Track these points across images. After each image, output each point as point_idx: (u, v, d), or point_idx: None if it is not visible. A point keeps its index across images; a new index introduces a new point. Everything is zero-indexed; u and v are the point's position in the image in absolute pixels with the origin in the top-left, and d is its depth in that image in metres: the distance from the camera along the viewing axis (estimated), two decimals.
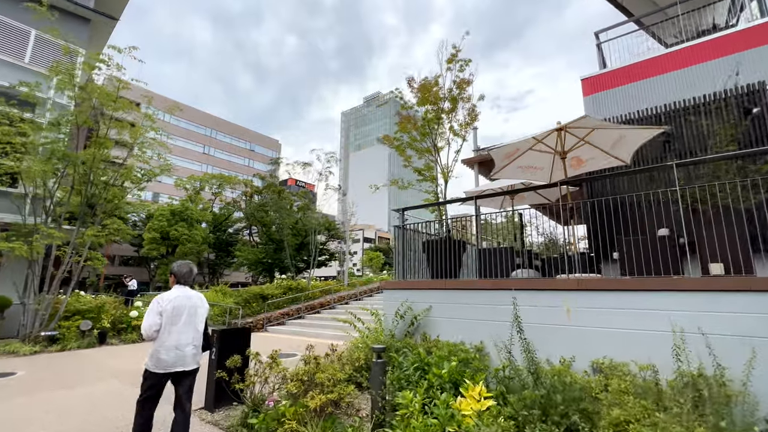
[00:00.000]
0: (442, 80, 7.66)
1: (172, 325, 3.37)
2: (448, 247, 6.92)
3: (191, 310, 3.52)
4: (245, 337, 5.06)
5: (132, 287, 16.88)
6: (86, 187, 10.53)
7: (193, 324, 3.50)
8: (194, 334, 3.50)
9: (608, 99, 8.21)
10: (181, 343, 3.39)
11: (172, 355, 3.34)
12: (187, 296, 3.54)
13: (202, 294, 3.83)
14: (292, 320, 14.75)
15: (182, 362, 3.39)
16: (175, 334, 3.37)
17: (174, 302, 3.43)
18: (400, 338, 6.44)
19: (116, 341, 10.61)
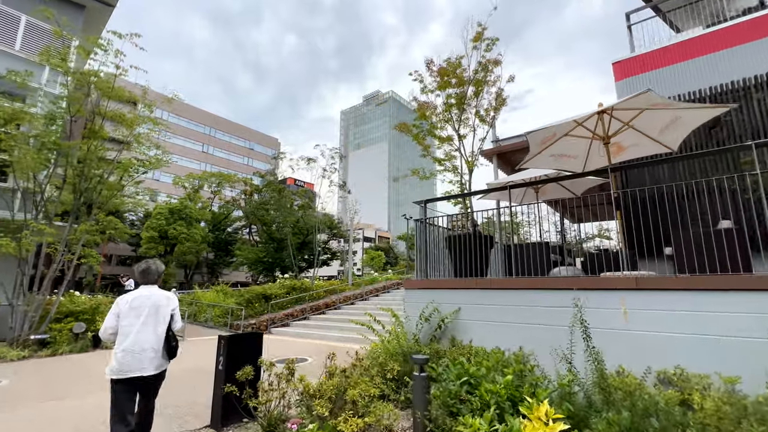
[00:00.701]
0: (467, 61, 7.08)
1: (129, 327, 3.17)
2: (475, 243, 6.31)
3: (151, 310, 3.27)
4: (256, 343, 4.44)
5: (129, 287, 16.18)
6: (80, 180, 9.87)
7: (152, 325, 3.24)
8: (153, 336, 3.22)
9: (644, 83, 7.60)
10: (136, 346, 3.14)
11: (129, 358, 3.11)
12: (147, 296, 3.32)
13: (172, 294, 3.55)
14: (297, 321, 14.13)
15: (139, 366, 3.11)
16: (132, 336, 3.15)
17: (132, 303, 3.24)
18: (425, 343, 5.83)
19: (112, 344, 9.94)
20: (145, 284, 3.44)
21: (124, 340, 3.15)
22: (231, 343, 4.16)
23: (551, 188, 8.96)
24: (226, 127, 73.29)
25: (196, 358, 8.52)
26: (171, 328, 3.40)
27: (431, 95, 7.27)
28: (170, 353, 3.39)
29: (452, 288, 5.94)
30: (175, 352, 3.42)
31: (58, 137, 9.05)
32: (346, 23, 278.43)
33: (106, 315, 3.19)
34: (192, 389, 6.15)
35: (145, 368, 3.14)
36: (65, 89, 9.39)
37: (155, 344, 3.23)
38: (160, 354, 3.28)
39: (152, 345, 3.21)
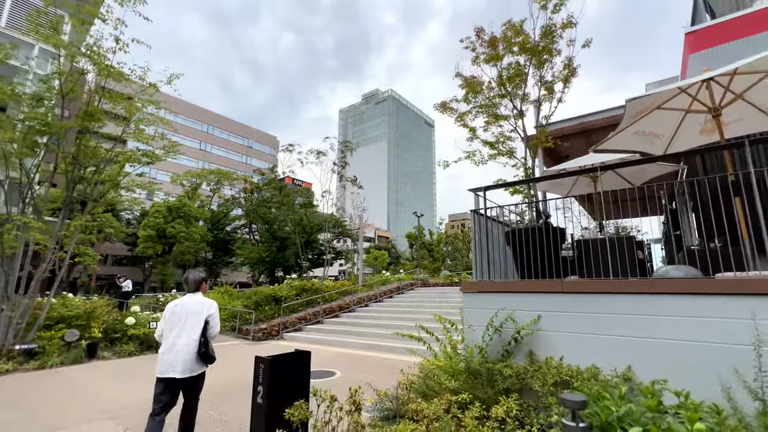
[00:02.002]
0: (532, 23, 6.07)
1: (170, 331, 3.45)
2: (546, 238, 5.28)
3: (188, 317, 3.46)
4: (304, 365, 3.38)
5: (126, 288, 15.09)
6: (73, 169, 8.76)
7: (188, 330, 3.43)
8: (188, 341, 3.40)
9: (727, 56, 6.60)
10: (173, 349, 3.39)
11: (166, 360, 3.40)
12: (186, 303, 3.55)
13: (211, 301, 3.67)
14: (310, 326, 13.06)
15: (174, 368, 3.36)
16: (170, 339, 3.42)
17: (174, 309, 3.53)
18: (495, 359, 4.80)
19: (109, 354, 8.84)
20: (188, 292, 3.67)
21: (165, 343, 3.45)
22: (275, 367, 3.09)
23: (605, 178, 7.96)
24: (225, 124, 72.08)
25: None
26: (206, 334, 3.51)
27: (485, 67, 6.25)
28: (204, 359, 3.49)
29: (527, 292, 4.90)
30: (209, 357, 3.49)
31: (47, 118, 7.93)
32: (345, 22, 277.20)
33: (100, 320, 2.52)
34: (209, 422, 5.08)
35: (179, 370, 3.35)
36: (56, 64, 8.26)
37: (190, 349, 3.39)
38: (195, 358, 3.41)
39: (187, 349, 3.38)
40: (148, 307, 17.20)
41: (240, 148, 73.90)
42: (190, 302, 3.55)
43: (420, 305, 14.46)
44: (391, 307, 14.90)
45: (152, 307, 16.54)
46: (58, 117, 8.47)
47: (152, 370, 7.98)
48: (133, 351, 9.06)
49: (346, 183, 19.95)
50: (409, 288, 18.84)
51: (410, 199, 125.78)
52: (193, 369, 3.43)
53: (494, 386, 4.27)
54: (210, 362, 3.53)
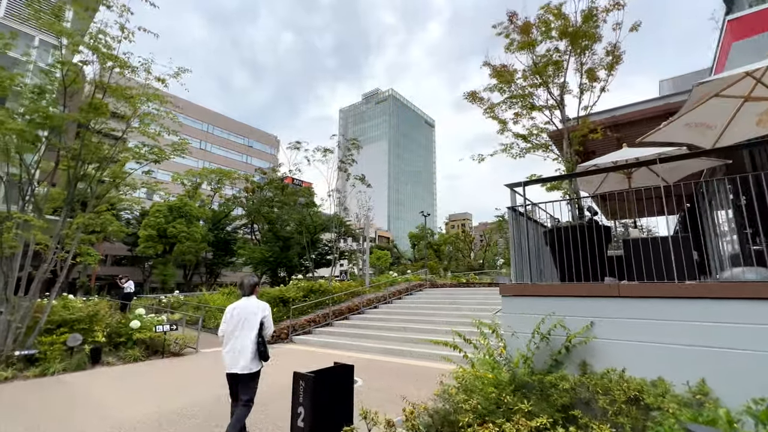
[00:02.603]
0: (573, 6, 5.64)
1: (231, 332, 3.83)
2: (591, 237, 4.87)
3: (245, 318, 3.81)
4: (348, 381, 2.95)
5: (129, 289, 14.59)
6: (75, 164, 8.32)
7: (245, 331, 3.77)
8: (246, 342, 3.74)
9: None
10: (234, 348, 3.78)
11: (227, 357, 3.81)
12: (243, 306, 3.91)
13: (264, 304, 4.00)
14: (320, 328, 12.63)
15: (234, 365, 3.75)
16: (231, 340, 3.81)
17: (233, 311, 3.94)
18: (541, 369, 4.38)
19: (113, 359, 8.40)
20: (244, 296, 4.01)
21: (226, 343, 3.80)
22: (318, 385, 2.66)
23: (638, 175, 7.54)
24: (225, 124, 71.63)
25: (211, 377, 6.99)
26: (261, 334, 3.86)
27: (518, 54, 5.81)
28: (261, 356, 3.85)
29: (578, 295, 4.48)
30: (265, 355, 3.85)
31: (48, 110, 7.48)
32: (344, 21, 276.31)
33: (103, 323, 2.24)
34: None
35: (238, 367, 3.70)
36: (57, 54, 7.80)
37: (247, 348, 3.73)
38: (251, 356, 3.74)
39: (244, 348, 3.72)
40: (151, 308, 16.74)
41: (240, 148, 73.49)
42: (247, 305, 3.92)
43: (432, 307, 14.04)
44: (402, 309, 14.48)
45: (155, 309, 16.08)
46: (59, 110, 8.01)
47: (160, 377, 7.50)
48: (139, 356, 8.62)
49: (355, 181, 19.47)
50: (417, 289, 18.43)
51: (410, 198, 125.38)
52: (251, 366, 3.75)
53: (548, 401, 3.86)
54: (265, 360, 3.90)
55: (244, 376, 3.72)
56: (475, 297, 15.30)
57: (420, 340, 10.18)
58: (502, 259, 50.58)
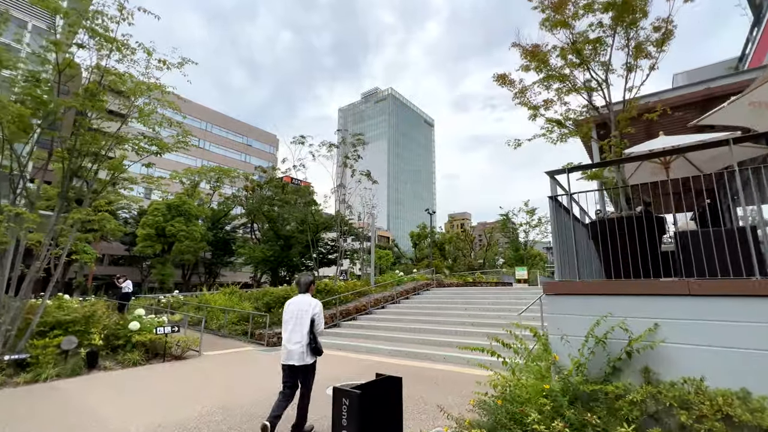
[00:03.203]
0: None
1: (285, 327, 4.16)
2: (644, 230, 4.37)
3: (299, 314, 4.13)
4: (396, 398, 2.43)
5: (127, 289, 14.01)
6: (70, 156, 7.77)
7: (299, 326, 4.07)
8: (299, 336, 4.05)
9: None
10: (290, 340, 4.08)
11: (284, 350, 4.10)
12: (298, 301, 4.24)
13: (316, 301, 4.27)
14: (327, 329, 12.09)
15: (290, 358, 4.04)
16: (287, 334, 4.12)
17: (289, 308, 4.26)
18: (597, 377, 3.88)
19: (111, 363, 7.86)
20: (300, 293, 4.33)
21: (284, 336, 4.15)
22: (364, 403, 2.14)
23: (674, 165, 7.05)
24: (223, 122, 70.96)
25: (216, 383, 6.46)
26: (313, 330, 4.09)
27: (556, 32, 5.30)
28: (314, 352, 4.11)
29: (639, 294, 3.98)
30: (317, 351, 4.12)
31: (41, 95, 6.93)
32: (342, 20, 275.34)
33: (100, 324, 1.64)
34: None
35: (293, 360, 4.02)
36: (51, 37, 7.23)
37: (300, 342, 4.03)
38: (305, 350, 4.02)
39: (298, 342, 4.03)
40: (150, 309, 16.18)
41: (239, 147, 72.87)
42: (301, 301, 4.22)
43: (443, 307, 13.54)
44: (412, 309, 13.97)
45: (154, 310, 15.51)
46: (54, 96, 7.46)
47: (162, 383, 6.84)
48: (138, 360, 8.08)
49: (361, 177, 18.91)
50: (424, 288, 17.93)
51: (410, 198, 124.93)
52: (305, 360, 4.02)
53: (616, 415, 3.36)
54: (318, 355, 4.16)
55: (300, 368, 4.02)
56: (486, 296, 14.81)
57: (435, 342, 9.69)
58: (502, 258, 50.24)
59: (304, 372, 4.06)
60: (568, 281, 4.47)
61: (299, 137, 17.10)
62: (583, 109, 5.70)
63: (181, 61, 9.21)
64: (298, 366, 4.00)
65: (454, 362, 8.09)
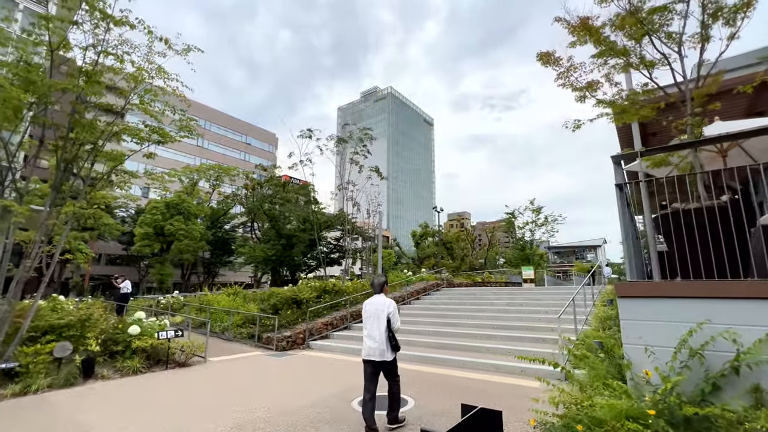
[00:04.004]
0: None
1: (365, 324, 4.47)
2: (734, 221, 3.74)
3: (376, 313, 4.38)
4: None
5: (125, 290, 13.31)
6: (64, 144, 7.09)
7: (376, 323, 4.32)
8: (378, 334, 4.27)
9: None
10: (369, 337, 4.33)
11: (365, 346, 4.36)
12: (374, 301, 4.50)
13: (390, 301, 4.48)
14: (338, 332, 11.45)
15: (371, 353, 4.28)
16: (366, 330, 4.41)
17: (366, 307, 4.54)
18: (693, 396, 3.25)
19: (109, 371, 7.18)
20: (375, 293, 4.61)
21: (364, 333, 4.44)
22: None
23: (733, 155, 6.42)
24: (222, 120, 70.19)
25: (227, 395, 5.79)
26: (390, 328, 4.33)
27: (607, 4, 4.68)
28: (393, 348, 4.33)
29: (744, 297, 3.34)
30: (396, 347, 4.35)
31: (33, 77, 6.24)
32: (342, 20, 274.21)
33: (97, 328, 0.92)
34: None
35: (374, 355, 4.25)
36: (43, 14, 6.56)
37: (379, 338, 4.26)
38: (385, 347, 4.24)
39: (377, 339, 4.26)
40: (149, 311, 15.47)
41: (238, 145, 72.16)
42: (377, 301, 4.45)
43: (458, 308, 12.92)
44: (424, 311, 13.34)
45: (154, 311, 14.81)
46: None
47: (166, 394, 6.07)
48: (139, 368, 7.40)
49: (370, 172, 18.26)
50: (434, 289, 17.30)
51: (410, 197, 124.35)
52: (386, 356, 4.22)
53: None
54: (397, 351, 4.35)
55: (381, 363, 4.25)
56: (500, 297, 14.19)
57: (455, 346, 9.05)
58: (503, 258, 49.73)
59: (387, 368, 4.30)
60: (652, 282, 3.84)
61: (306, 131, 16.45)
62: (640, 88, 5.07)
63: (185, 47, 8.58)
64: (379, 362, 4.24)
65: (481, 369, 7.46)
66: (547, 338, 8.84)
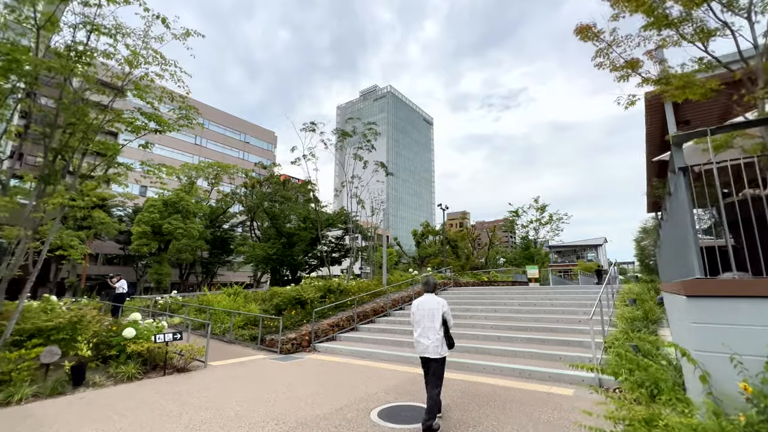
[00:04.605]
0: None
1: (419, 322, 4.61)
2: None
3: (429, 313, 4.55)
4: None
5: (121, 289, 12.74)
6: (51, 131, 6.52)
7: (430, 322, 4.51)
8: (433, 332, 4.47)
9: None
10: (423, 335, 4.52)
11: (419, 345, 4.55)
12: (427, 301, 4.68)
13: (443, 300, 4.69)
14: (345, 333, 10.89)
15: (424, 351, 4.50)
16: (420, 329, 4.57)
17: (419, 305, 4.70)
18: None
19: (101, 378, 6.62)
20: (427, 292, 4.81)
21: (417, 330, 4.61)
22: None
23: None
24: (221, 118, 69.53)
25: (230, 406, 5.24)
26: (445, 326, 4.58)
27: None
28: (449, 345, 4.58)
29: None
30: (451, 343, 4.59)
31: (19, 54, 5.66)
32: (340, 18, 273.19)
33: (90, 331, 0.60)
34: None
35: (428, 353, 4.45)
36: None
37: (434, 336, 4.46)
38: (440, 343, 4.46)
39: (431, 337, 4.46)
40: (146, 311, 14.89)
41: (236, 144, 71.50)
42: (430, 300, 4.66)
43: (468, 308, 12.37)
44: None
45: (151, 313, 14.22)
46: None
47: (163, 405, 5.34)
48: (134, 373, 6.83)
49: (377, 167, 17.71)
50: (441, 288, 16.77)
51: (409, 196, 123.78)
52: (440, 352, 4.45)
53: None
54: (451, 347, 4.59)
55: (435, 359, 4.41)
56: (511, 296, 13.67)
57: (472, 349, 8.50)
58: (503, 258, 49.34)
59: (438, 363, 4.44)
60: (732, 280, 3.29)
61: (310, 124, 15.89)
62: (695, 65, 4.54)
63: (185, 31, 8.02)
64: (434, 358, 4.41)
65: (504, 374, 6.92)
66: (571, 340, 8.32)
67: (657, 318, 8.65)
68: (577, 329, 9.01)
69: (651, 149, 9.26)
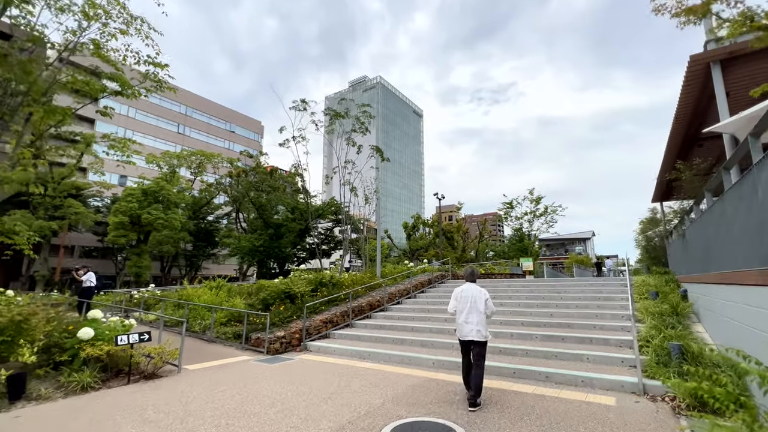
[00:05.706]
0: None
1: (462, 309, 5.01)
2: None
3: (473, 299, 5.01)
4: None
5: (89, 283, 11.45)
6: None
7: (475, 308, 4.95)
8: (476, 316, 4.90)
9: None
10: (467, 321, 4.91)
11: (464, 328, 4.91)
12: (470, 289, 5.14)
13: (483, 289, 5.15)
14: (339, 330, 9.89)
15: (468, 334, 4.86)
16: (464, 315, 4.97)
17: (462, 294, 5.15)
18: None
19: (49, 389, 5.47)
20: (468, 281, 5.30)
21: (459, 316, 5.03)
22: None
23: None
24: (205, 106, 67.18)
25: (203, 420, 4.18)
26: (486, 312, 5.01)
27: None
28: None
29: None
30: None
31: None
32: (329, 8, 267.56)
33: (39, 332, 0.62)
34: None
35: (470, 336, 4.84)
36: None
37: (477, 320, 4.88)
38: (482, 327, 4.87)
39: (475, 321, 4.88)
40: (119, 307, 13.60)
41: (221, 133, 69.30)
42: (473, 288, 5.12)
43: None
44: (433, 305, 11.84)
45: (123, 309, 12.96)
46: None
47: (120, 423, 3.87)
48: (90, 382, 5.70)
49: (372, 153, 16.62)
50: (439, 281, 15.87)
51: (398, 189, 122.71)
52: (485, 335, 4.86)
53: None
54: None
55: (478, 342, 4.83)
56: (516, 289, 12.83)
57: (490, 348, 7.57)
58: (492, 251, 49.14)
59: (480, 346, 4.80)
60: None
61: (300, 102, 14.66)
62: None
63: None
64: (477, 341, 4.77)
65: (527, 378, 6.00)
66: (594, 338, 7.46)
67: (686, 312, 7.86)
68: (598, 325, 8.17)
69: (679, 127, 8.37)
